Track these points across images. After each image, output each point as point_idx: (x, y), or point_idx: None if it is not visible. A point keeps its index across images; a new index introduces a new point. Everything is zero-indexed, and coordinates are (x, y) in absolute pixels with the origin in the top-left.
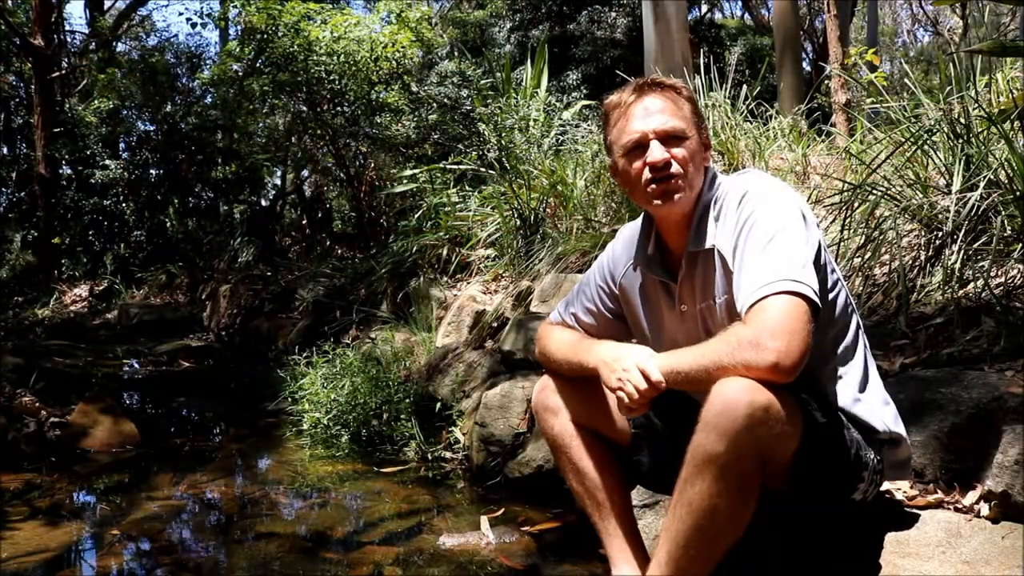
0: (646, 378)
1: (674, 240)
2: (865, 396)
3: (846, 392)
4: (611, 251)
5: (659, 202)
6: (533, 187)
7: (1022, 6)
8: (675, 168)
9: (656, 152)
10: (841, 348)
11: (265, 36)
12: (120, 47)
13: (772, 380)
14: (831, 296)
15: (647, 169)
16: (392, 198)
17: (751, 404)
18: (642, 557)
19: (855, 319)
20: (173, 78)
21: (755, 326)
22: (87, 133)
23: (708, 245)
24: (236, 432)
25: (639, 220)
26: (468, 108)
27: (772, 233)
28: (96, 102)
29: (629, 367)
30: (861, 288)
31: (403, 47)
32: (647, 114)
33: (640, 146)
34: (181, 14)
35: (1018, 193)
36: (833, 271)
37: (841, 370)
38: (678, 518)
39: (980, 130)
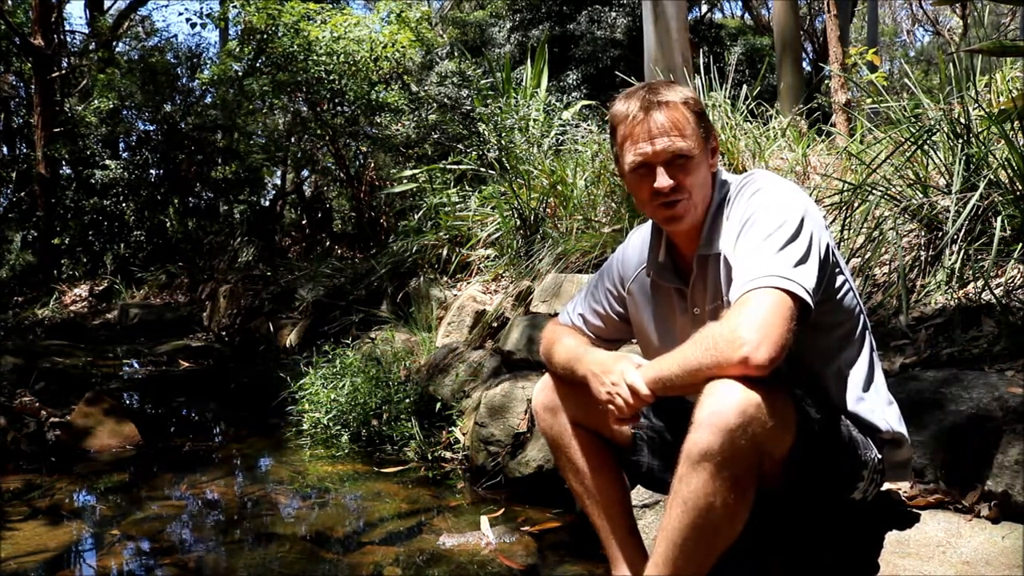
0: (634, 392)
1: (685, 245)
2: (869, 396)
3: (850, 391)
4: (621, 254)
5: (665, 222)
6: (533, 187)
7: (1022, 6)
8: (681, 193)
9: (662, 179)
10: (846, 349)
11: (265, 36)
12: (120, 47)
13: (744, 375)
14: (838, 297)
15: (654, 193)
16: (392, 198)
17: (743, 400)
18: (642, 557)
19: (862, 320)
20: (173, 78)
21: (732, 320)
22: (87, 133)
23: (717, 250)
24: (236, 432)
25: (649, 224)
26: (468, 108)
27: (769, 231)
28: (96, 102)
29: (617, 380)
30: (861, 288)
31: (403, 47)
32: (652, 136)
33: (645, 166)
34: (181, 14)
35: (1018, 193)
36: (841, 273)
37: (845, 370)
38: (674, 516)
39: (980, 130)
